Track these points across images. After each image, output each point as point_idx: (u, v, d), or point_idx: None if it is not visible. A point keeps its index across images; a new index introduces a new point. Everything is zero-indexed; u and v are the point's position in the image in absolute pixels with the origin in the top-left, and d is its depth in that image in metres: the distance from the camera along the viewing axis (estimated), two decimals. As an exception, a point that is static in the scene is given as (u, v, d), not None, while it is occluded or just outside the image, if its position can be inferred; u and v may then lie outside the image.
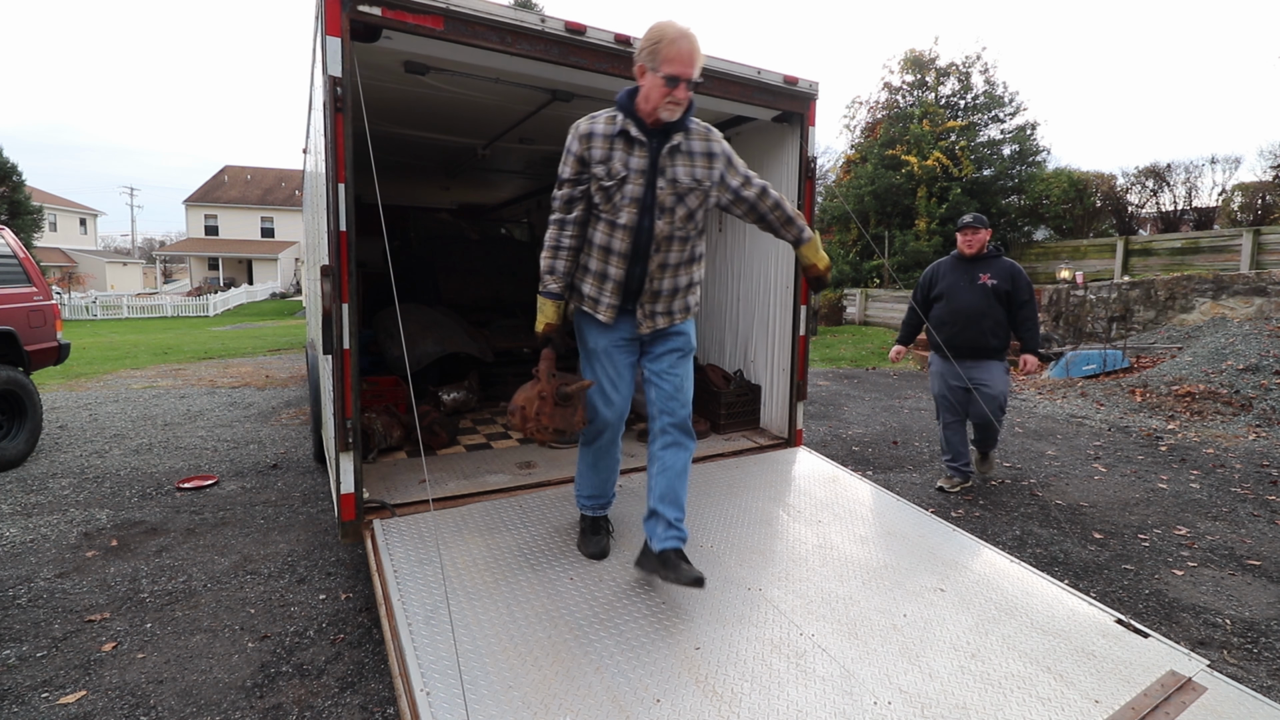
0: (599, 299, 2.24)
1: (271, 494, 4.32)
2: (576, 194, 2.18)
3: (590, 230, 2.22)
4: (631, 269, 2.20)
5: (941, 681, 1.91)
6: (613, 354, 2.32)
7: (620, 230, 2.15)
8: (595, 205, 2.17)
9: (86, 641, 2.60)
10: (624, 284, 2.22)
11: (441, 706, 1.71)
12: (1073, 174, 17.21)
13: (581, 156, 2.15)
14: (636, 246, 2.17)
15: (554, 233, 2.22)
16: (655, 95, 2.06)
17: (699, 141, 2.22)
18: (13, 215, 22.91)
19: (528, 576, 2.34)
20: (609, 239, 2.17)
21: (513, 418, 2.28)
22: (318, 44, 2.67)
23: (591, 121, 2.16)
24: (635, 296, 2.25)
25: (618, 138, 2.12)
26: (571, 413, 2.23)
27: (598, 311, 2.25)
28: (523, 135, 4.93)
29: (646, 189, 2.14)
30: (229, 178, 41.16)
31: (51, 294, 5.56)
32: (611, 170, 2.11)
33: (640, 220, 2.15)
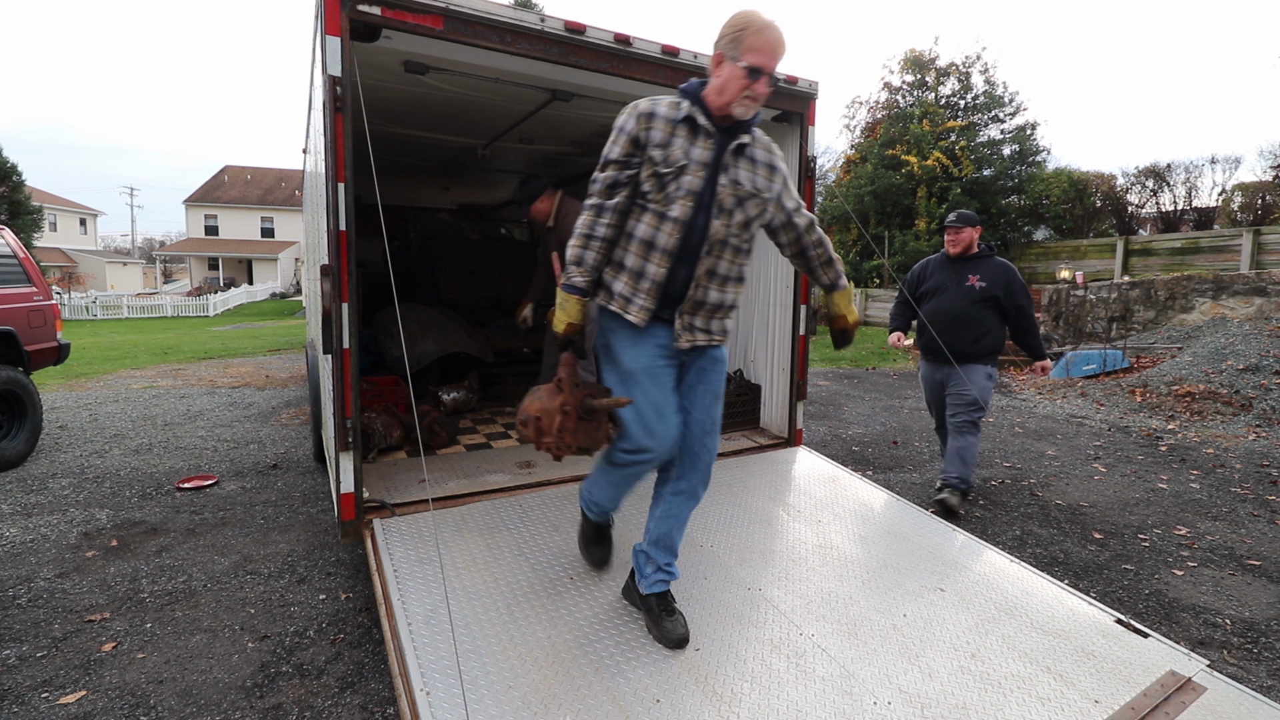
0: (631, 299, 1.96)
1: (271, 494, 4.32)
2: (622, 178, 1.92)
3: (632, 221, 1.96)
4: (675, 270, 1.95)
5: (941, 681, 1.91)
6: (656, 374, 1.99)
7: (670, 224, 1.91)
8: (644, 194, 1.92)
9: (86, 641, 2.60)
10: (663, 286, 1.96)
11: (441, 706, 1.71)
12: (1073, 174, 17.21)
13: (637, 137, 1.90)
14: (686, 245, 1.93)
15: (588, 219, 1.95)
16: (733, 87, 1.87)
17: (763, 151, 2.04)
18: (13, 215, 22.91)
19: (528, 576, 2.34)
20: (654, 232, 1.92)
21: (525, 429, 2.00)
22: (317, 44, 2.67)
23: (654, 102, 1.93)
24: (674, 304, 1.99)
25: (682, 123, 1.92)
26: (596, 427, 1.96)
27: (628, 312, 1.97)
28: (523, 135, 4.93)
29: (706, 184, 1.92)
30: (229, 178, 41.16)
31: (51, 294, 5.56)
32: (670, 157, 1.89)
33: (694, 216, 1.92)
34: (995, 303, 3.83)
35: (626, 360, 2.00)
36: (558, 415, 1.94)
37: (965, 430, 3.85)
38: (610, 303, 2.01)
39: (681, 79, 3.21)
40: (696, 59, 3.20)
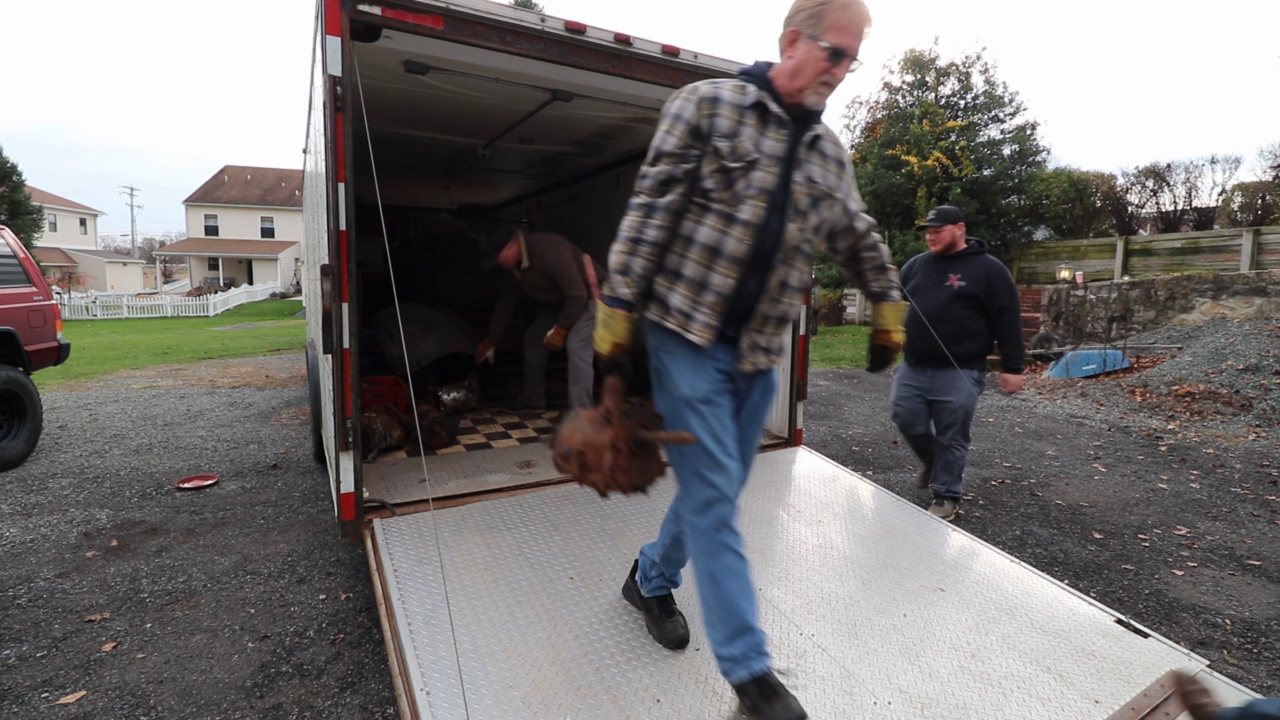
0: (692, 314, 1.70)
1: (271, 494, 4.32)
2: (678, 173, 1.66)
3: (691, 224, 1.70)
4: (745, 281, 1.69)
5: (941, 681, 1.91)
6: (718, 403, 1.74)
7: (739, 227, 1.65)
8: (705, 191, 1.66)
9: (86, 641, 2.60)
10: (731, 300, 1.70)
11: (441, 706, 1.71)
12: (1073, 174, 17.22)
13: (697, 125, 1.64)
14: (757, 252, 1.68)
15: (636, 220, 1.68)
16: (810, 70, 1.62)
17: (832, 144, 1.79)
18: (13, 215, 22.91)
19: (528, 576, 2.34)
20: (720, 237, 1.66)
21: (567, 464, 1.72)
22: (318, 43, 2.67)
23: (715, 85, 1.68)
24: (741, 320, 1.73)
25: (750, 110, 1.67)
26: (649, 462, 1.71)
27: (689, 330, 1.70)
28: (523, 135, 4.93)
29: (780, 181, 1.67)
30: (229, 178, 41.17)
31: (51, 294, 5.56)
32: (738, 148, 1.63)
33: (767, 219, 1.66)
34: (977, 303, 3.62)
35: (684, 386, 1.72)
36: (607, 451, 1.65)
37: (955, 445, 3.74)
38: (665, 318, 1.74)
39: (682, 79, 3.21)
40: (697, 59, 3.20)
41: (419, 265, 6.20)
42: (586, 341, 4.01)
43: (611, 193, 6.34)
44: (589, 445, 1.68)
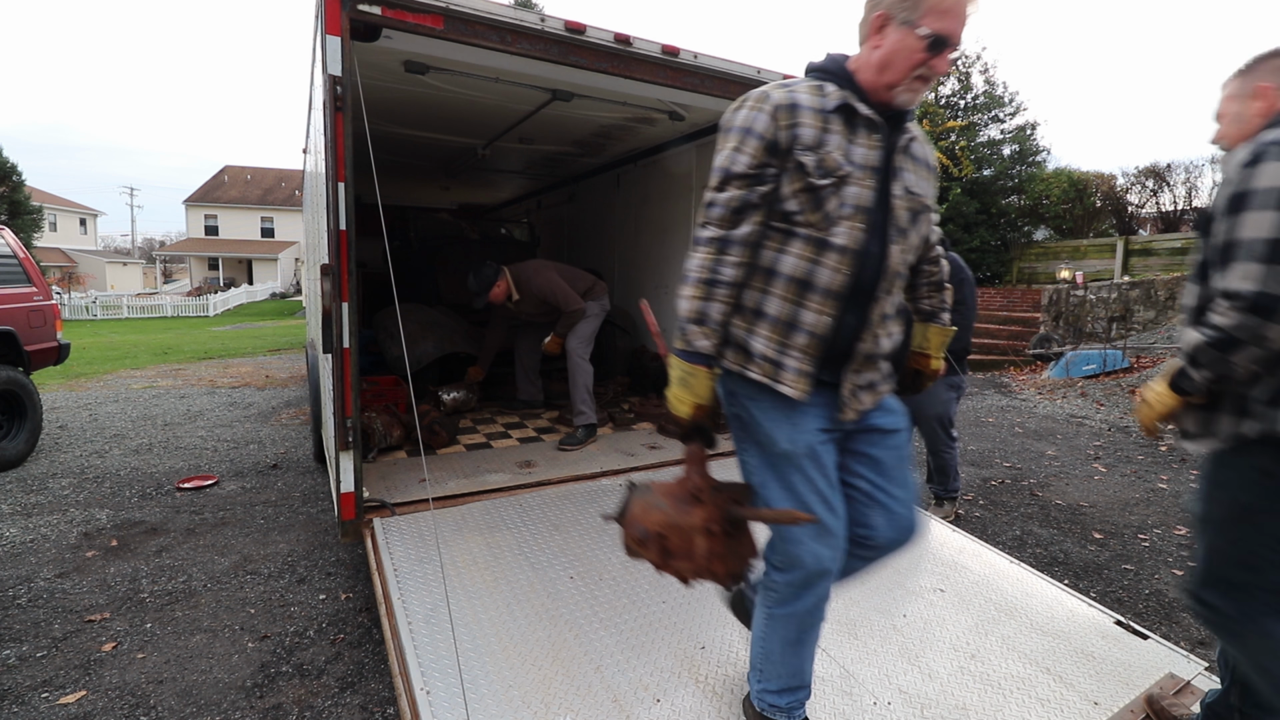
0: (781, 362, 1.44)
1: (271, 494, 4.32)
2: (754, 198, 1.40)
3: (771, 254, 1.44)
4: (843, 317, 1.43)
5: (941, 682, 1.91)
6: (819, 454, 1.48)
7: (834, 255, 1.40)
8: (788, 215, 1.41)
9: (86, 641, 2.60)
10: (827, 341, 1.44)
11: (442, 705, 1.71)
12: (1073, 174, 17.21)
13: (774, 140, 1.38)
14: (858, 282, 1.42)
15: (708, 258, 1.41)
16: (903, 63, 1.37)
17: (921, 145, 1.53)
18: (13, 215, 22.90)
19: (528, 575, 2.34)
20: (811, 267, 1.40)
21: (644, 550, 1.43)
22: (318, 43, 2.67)
23: (789, 90, 1.41)
24: (840, 362, 1.47)
25: (835, 115, 1.40)
26: (744, 541, 1.45)
27: (780, 380, 1.44)
28: (523, 135, 4.93)
29: (878, 196, 1.42)
30: (229, 178, 41.17)
31: (51, 294, 5.56)
32: (826, 162, 1.37)
33: (867, 242, 1.41)
34: None
35: (783, 439, 1.46)
36: (698, 536, 1.38)
37: (940, 450, 3.73)
38: (747, 366, 1.47)
39: (681, 79, 3.21)
40: (696, 59, 3.20)
41: (419, 265, 6.20)
42: (586, 341, 4.01)
43: (611, 193, 6.34)
44: (673, 528, 1.39)
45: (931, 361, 1.78)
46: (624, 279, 6.16)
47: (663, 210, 5.43)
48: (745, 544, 1.45)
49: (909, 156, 1.48)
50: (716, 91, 3.35)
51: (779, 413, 1.46)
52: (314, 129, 3.77)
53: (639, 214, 5.85)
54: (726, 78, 3.34)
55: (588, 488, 3.15)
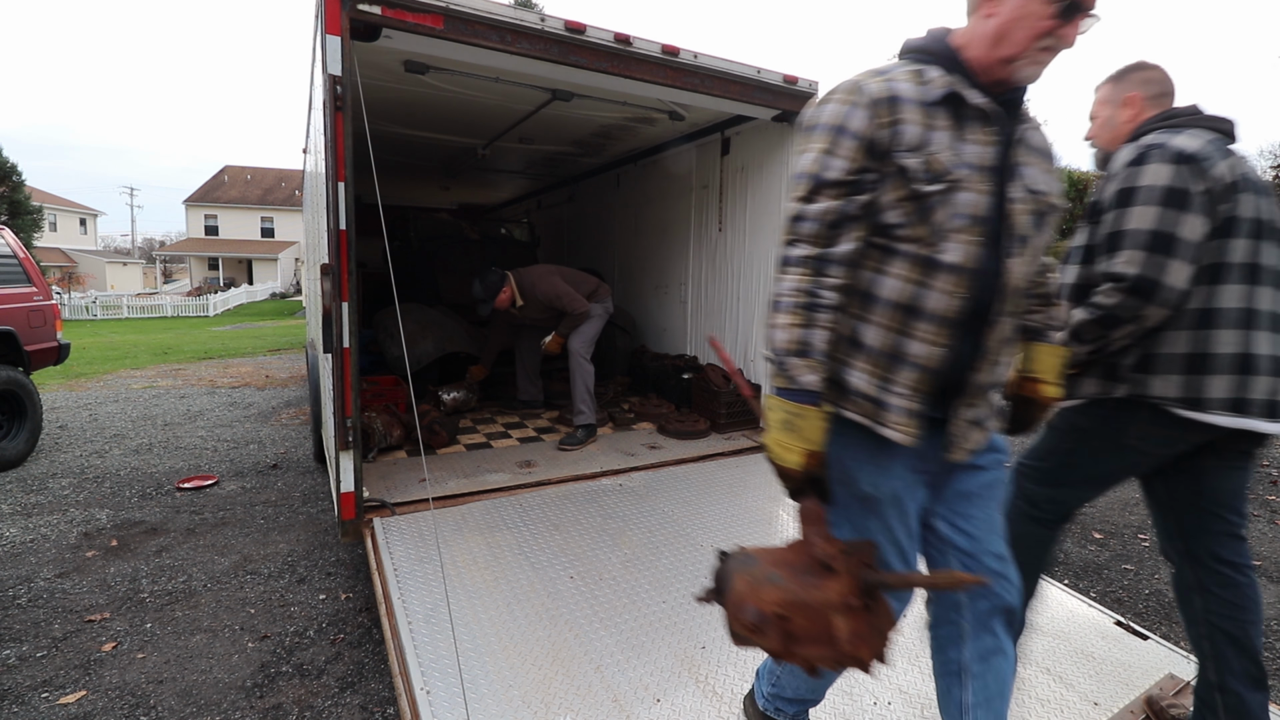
0: (884, 400, 1.23)
1: (271, 494, 4.32)
2: (852, 209, 1.18)
3: (869, 274, 1.23)
4: (958, 346, 1.23)
5: (941, 681, 1.91)
6: (904, 500, 1.30)
7: (944, 275, 1.18)
8: (887, 228, 1.20)
9: (86, 641, 2.60)
10: (939, 374, 1.23)
11: (442, 705, 1.71)
12: (1073, 174, 17.21)
13: (872, 140, 1.17)
14: (975, 305, 1.21)
15: (803, 280, 1.17)
16: (1024, 32, 1.15)
17: (1035, 131, 1.29)
18: (13, 215, 22.91)
19: (528, 575, 2.34)
20: (917, 290, 1.20)
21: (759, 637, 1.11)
22: (318, 43, 2.67)
23: (887, 80, 1.19)
24: (950, 397, 1.27)
25: (940, 107, 1.19)
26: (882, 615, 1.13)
27: (883, 422, 1.23)
28: (523, 135, 4.94)
29: (995, 201, 1.20)
30: (229, 178, 41.18)
31: (51, 294, 5.56)
32: (934, 164, 1.16)
33: (984, 258, 1.19)
34: None
35: (864, 482, 1.28)
36: (837, 615, 1.08)
37: None
38: (842, 404, 1.27)
39: (681, 79, 3.21)
40: (697, 59, 3.20)
41: (419, 265, 6.21)
42: (589, 342, 4.01)
43: (611, 193, 6.35)
44: (800, 608, 1.09)
45: (1045, 388, 1.48)
46: (624, 279, 6.16)
47: (663, 210, 5.43)
48: (884, 616, 1.13)
49: (1027, 148, 1.26)
50: (716, 91, 3.35)
51: (867, 452, 1.27)
52: (314, 129, 3.78)
53: (639, 214, 5.86)
54: (726, 78, 3.35)
55: (588, 488, 3.15)
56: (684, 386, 4.59)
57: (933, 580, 1.12)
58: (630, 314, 5.80)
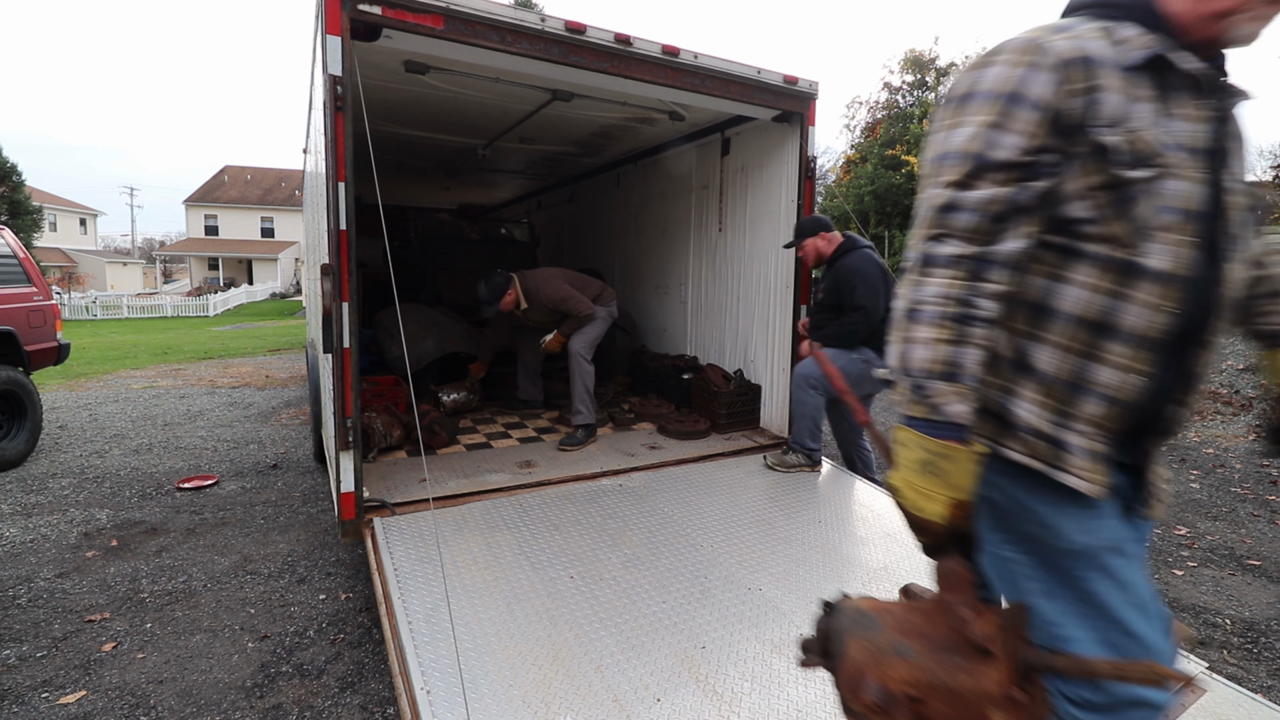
0: (1062, 438, 0.98)
1: (271, 494, 4.32)
2: (1025, 198, 0.93)
3: (1043, 281, 0.99)
4: (1159, 372, 0.97)
5: (942, 681, 1.91)
6: (1127, 549, 1.01)
7: (1148, 284, 0.94)
8: (1072, 225, 0.96)
9: (86, 641, 2.60)
10: (1135, 407, 0.98)
11: (442, 705, 1.71)
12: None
13: (1059, 111, 0.92)
14: (1187, 321, 0.96)
15: (953, 284, 0.93)
16: None
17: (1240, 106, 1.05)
18: (13, 215, 22.91)
19: (528, 575, 2.34)
20: (1113, 303, 0.95)
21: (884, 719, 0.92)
22: (318, 43, 2.67)
23: (1075, 39, 0.94)
24: (1144, 435, 1.02)
25: (1142, 72, 0.94)
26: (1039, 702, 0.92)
27: (1063, 466, 0.98)
28: (523, 135, 4.94)
29: (1210, 191, 0.95)
30: (229, 178, 41.19)
31: (51, 294, 5.56)
32: (1139, 144, 0.92)
33: (1199, 263, 0.95)
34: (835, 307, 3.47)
35: (1072, 530, 0.99)
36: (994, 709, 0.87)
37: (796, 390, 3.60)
38: (1004, 441, 1.01)
39: (681, 79, 3.21)
40: (697, 59, 3.20)
41: (419, 265, 6.21)
42: (590, 344, 4.01)
43: (611, 193, 6.35)
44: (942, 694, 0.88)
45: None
46: (624, 279, 6.16)
47: (663, 210, 5.43)
48: (1041, 704, 0.91)
49: (1235, 127, 1.01)
50: (717, 92, 3.35)
51: (1063, 498, 0.99)
52: (314, 129, 3.78)
53: (639, 214, 5.86)
54: (726, 78, 3.35)
55: (588, 488, 3.15)
56: (684, 387, 4.60)
57: (1122, 670, 0.87)
58: (630, 314, 5.80)
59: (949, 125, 0.98)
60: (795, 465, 3.53)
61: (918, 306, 0.94)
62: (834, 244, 3.54)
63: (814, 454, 3.57)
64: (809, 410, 3.54)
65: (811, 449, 3.56)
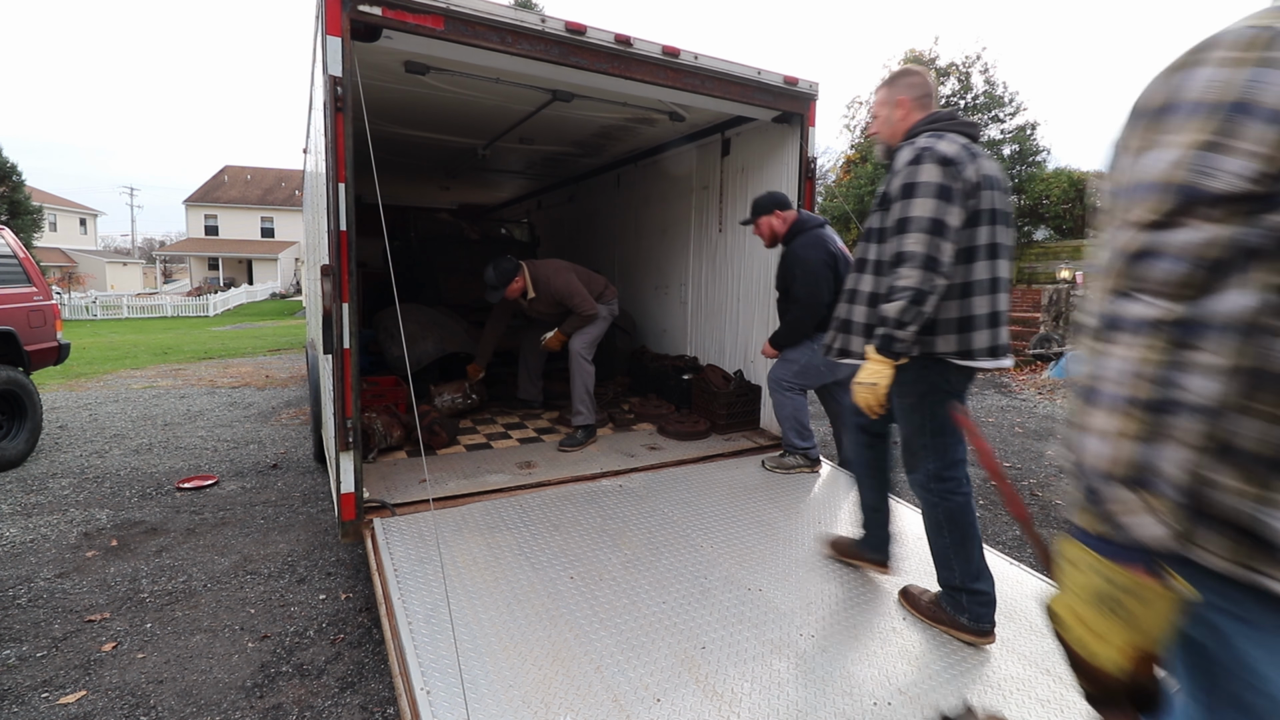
0: None
1: (271, 494, 4.32)
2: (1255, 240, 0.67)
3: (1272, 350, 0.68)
4: None
5: (941, 683, 1.91)
6: None
7: None
8: None
9: (86, 641, 2.60)
10: None
11: (442, 705, 1.71)
12: (1073, 174, 17.20)
13: None
14: None
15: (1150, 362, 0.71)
16: None
17: None
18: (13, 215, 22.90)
19: (528, 575, 2.34)
20: None
21: None
22: (318, 44, 2.67)
23: None
24: None
25: None
26: None
27: None
28: (523, 135, 4.94)
29: None
30: (229, 178, 41.19)
31: (51, 294, 5.56)
32: None
33: None
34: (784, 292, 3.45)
35: None
36: None
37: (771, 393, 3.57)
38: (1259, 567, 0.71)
39: (682, 80, 3.22)
40: (697, 60, 3.20)
41: (419, 265, 6.21)
42: (591, 344, 4.01)
43: (612, 193, 6.35)
44: None
45: None
46: (624, 279, 6.16)
47: (663, 211, 5.43)
48: None
49: None
50: (717, 92, 3.35)
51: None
52: (314, 129, 3.78)
53: (639, 214, 5.86)
54: (727, 79, 3.35)
55: (588, 488, 3.16)
56: (684, 387, 4.60)
57: None
58: (630, 314, 5.80)
59: (1139, 147, 0.76)
60: (794, 467, 3.53)
61: (1097, 384, 0.75)
62: (788, 223, 3.45)
63: (810, 452, 3.55)
64: (789, 411, 3.51)
65: (804, 448, 3.54)
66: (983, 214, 1.95)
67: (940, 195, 1.86)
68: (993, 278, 1.99)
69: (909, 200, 1.89)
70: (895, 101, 2.14)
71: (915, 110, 2.12)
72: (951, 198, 1.87)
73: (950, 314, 1.98)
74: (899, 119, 2.14)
